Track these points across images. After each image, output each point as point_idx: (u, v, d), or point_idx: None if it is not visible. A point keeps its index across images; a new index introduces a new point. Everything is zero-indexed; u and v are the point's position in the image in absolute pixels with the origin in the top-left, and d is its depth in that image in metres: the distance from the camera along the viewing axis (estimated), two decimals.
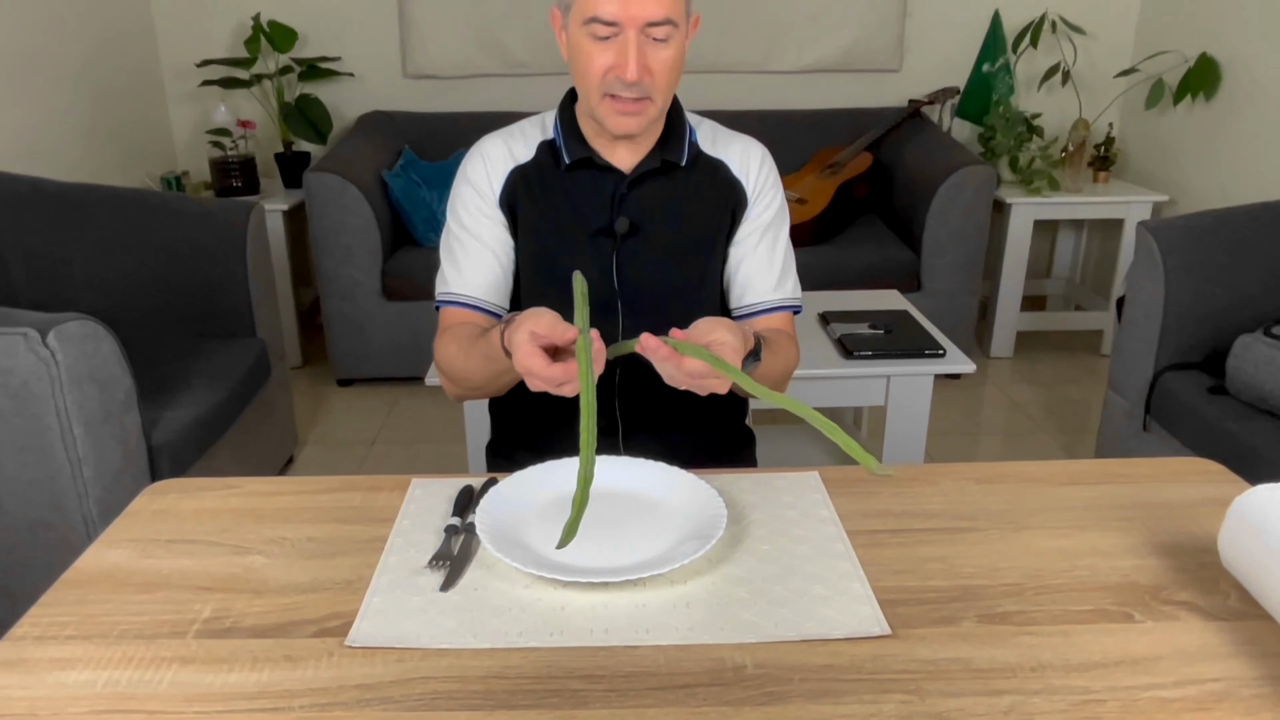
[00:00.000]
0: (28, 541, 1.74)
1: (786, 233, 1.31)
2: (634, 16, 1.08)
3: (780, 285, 1.29)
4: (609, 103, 1.14)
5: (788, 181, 3.24)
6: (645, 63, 1.11)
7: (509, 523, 0.97)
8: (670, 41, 1.11)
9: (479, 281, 1.24)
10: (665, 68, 1.12)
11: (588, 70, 1.12)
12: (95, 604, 0.87)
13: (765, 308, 1.28)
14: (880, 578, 0.91)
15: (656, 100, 1.15)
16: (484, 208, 1.24)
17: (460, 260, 1.25)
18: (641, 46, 1.10)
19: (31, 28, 2.69)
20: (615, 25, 1.09)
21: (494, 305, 1.26)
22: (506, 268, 1.26)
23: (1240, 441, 1.88)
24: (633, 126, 1.15)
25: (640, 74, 1.10)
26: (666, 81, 1.14)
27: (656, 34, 1.10)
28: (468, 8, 3.41)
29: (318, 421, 2.93)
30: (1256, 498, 0.85)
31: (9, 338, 1.60)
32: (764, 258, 1.28)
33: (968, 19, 3.50)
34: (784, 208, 1.30)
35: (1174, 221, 2.15)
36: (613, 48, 1.10)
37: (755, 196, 1.27)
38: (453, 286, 1.25)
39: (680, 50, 1.14)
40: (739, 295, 1.29)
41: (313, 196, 2.86)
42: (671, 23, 1.10)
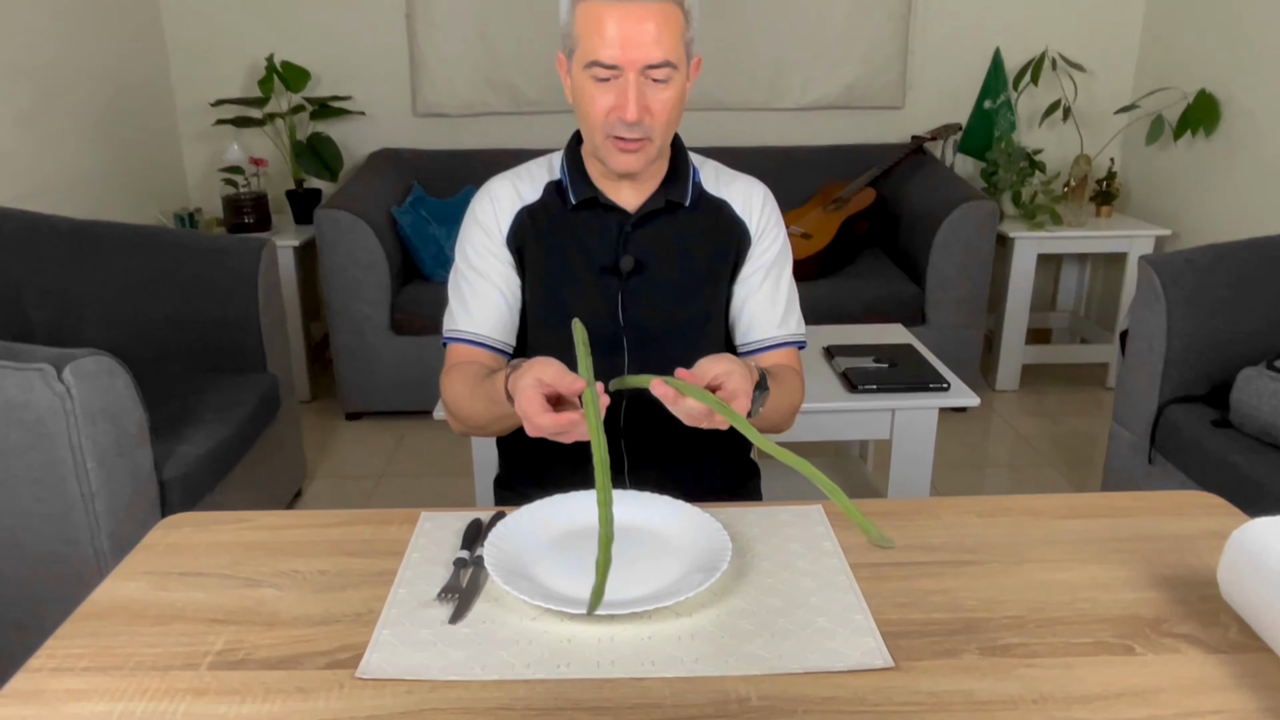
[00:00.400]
0: (40, 575, 1.75)
1: (790, 270, 1.33)
2: (633, 60, 1.11)
3: (784, 322, 1.31)
4: (611, 142, 1.17)
5: (792, 217, 3.28)
6: (645, 103, 1.14)
7: (517, 556, 0.99)
8: (670, 83, 1.15)
9: (486, 319, 1.27)
10: (665, 108, 1.16)
11: (590, 111, 1.16)
12: (110, 636, 0.89)
13: (771, 344, 1.31)
14: (883, 610, 0.92)
15: (656, 140, 1.18)
16: (492, 247, 1.27)
17: (468, 299, 1.27)
18: (641, 88, 1.13)
19: (49, 67, 2.76)
20: (615, 69, 1.12)
21: (500, 343, 1.28)
22: (513, 306, 1.29)
23: (1245, 474, 1.88)
24: (633, 165, 1.18)
25: (640, 114, 1.13)
26: (666, 121, 1.17)
27: (656, 75, 1.13)
28: (476, 47, 3.47)
29: (326, 455, 2.95)
30: (1254, 531, 0.86)
31: (25, 373, 1.62)
32: (768, 295, 1.30)
33: (969, 57, 3.55)
34: (786, 246, 1.33)
35: (1175, 256, 2.17)
36: (613, 89, 1.14)
37: (758, 235, 1.30)
38: (460, 324, 1.27)
39: (680, 91, 1.17)
40: (744, 332, 1.32)
41: (323, 232, 2.91)
42: (670, 65, 1.13)
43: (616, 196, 1.26)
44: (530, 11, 3.41)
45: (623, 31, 1.10)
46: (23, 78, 2.63)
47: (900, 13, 3.49)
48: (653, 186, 1.26)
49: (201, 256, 2.38)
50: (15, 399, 1.63)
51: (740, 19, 3.47)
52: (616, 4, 1.10)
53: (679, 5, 1.13)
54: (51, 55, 2.76)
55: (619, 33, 1.10)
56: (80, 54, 2.91)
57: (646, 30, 1.10)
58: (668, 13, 1.11)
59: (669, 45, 1.12)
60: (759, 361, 1.28)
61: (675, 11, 1.13)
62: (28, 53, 2.65)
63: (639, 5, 1.10)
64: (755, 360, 1.29)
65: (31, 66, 2.67)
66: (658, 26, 1.11)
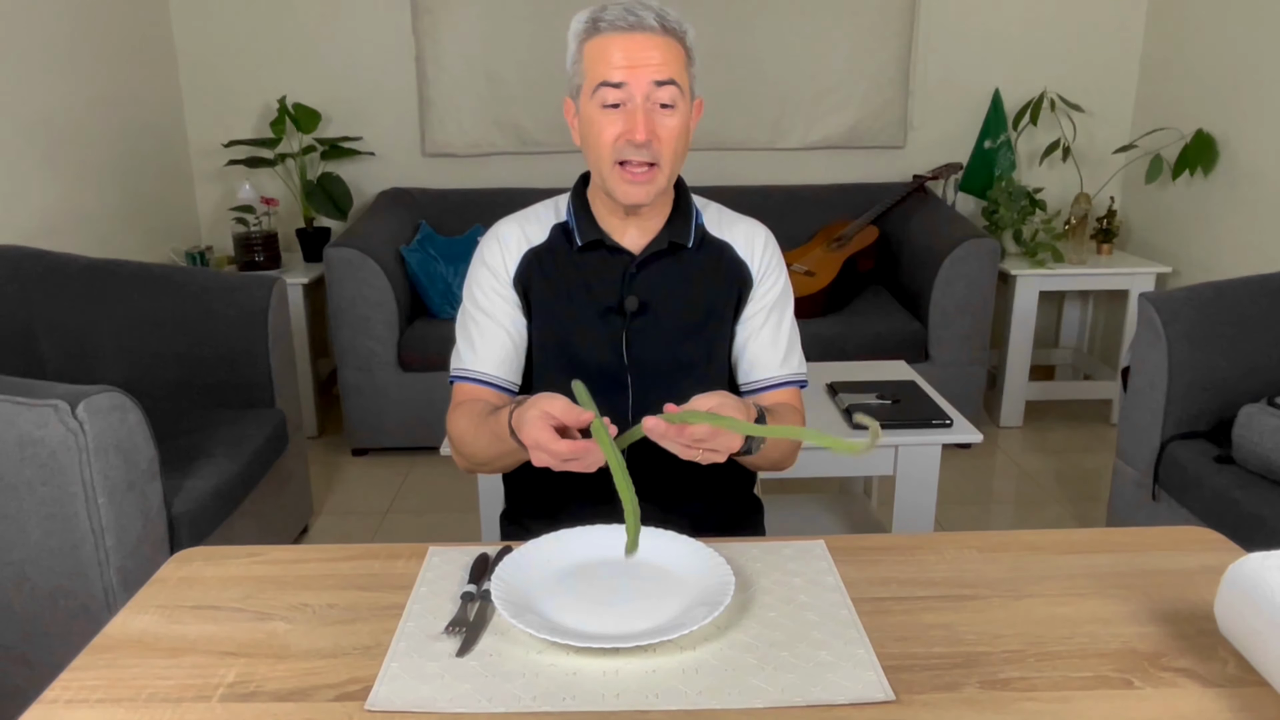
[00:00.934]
0: (48, 610, 1.76)
1: (791, 311, 1.36)
2: (640, 78, 1.16)
3: (786, 361, 1.34)
4: (619, 171, 1.20)
5: (795, 255, 3.31)
6: (652, 128, 1.18)
7: (523, 590, 1.00)
8: (676, 109, 1.19)
9: (492, 359, 1.29)
10: (672, 135, 1.20)
11: (599, 140, 1.20)
12: (124, 668, 0.90)
13: (772, 383, 1.33)
14: (884, 644, 0.93)
15: (664, 168, 1.21)
16: (498, 288, 1.30)
17: (475, 339, 1.30)
18: (649, 113, 1.18)
19: (65, 109, 2.82)
20: (623, 87, 1.17)
21: (506, 382, 1.31)
22: (519, 345, 1.31)
23: (1248, 511, 1.89)
24: (642, 196, 1.21)
25: (648, 135, 1.17)
26: (673, 150, 1.21)
27: (663, 98, 1.18)
28: (483, 90, 3.54)
29: (333, 491, 2.96)
30: (1248, 565, 0.87)
31: (40, 409, 1.65)
32: (770, 336, 1.33)
33: (969, 98, 3.61)
34: (788, 287, 1.36)
35: (1175, 293, 2.20)
36: (622, 115, 1.18)
37: (760, 277, 1.33)
38: (466, 363, 1.30)
39: (685, 121, 1.21)
40: (746, 372, 1.34)
41: (332, 270, 2.94)
42: (675, 84, 1.18)
43: (621, 238, 1.29)
44: (536, 54, 3.47)
45: (629, 53, 1.16)
46: (40, 119, 2.69)
47: (901, 55, 3.55)
48: (656, 227, 1.29)
49: (212, 294, 2.42)
50: (30, 435, 1.65)
51: (744, 61, 3.53)
52: (622, 33, 1.17)
53: (681, 43, 1.20)
54: (68, 97, 2.82)
55: (626, 55, 1.17)
56: (96, 96, 2.97)
57: (652, 54, 1.17)
58: (671, 45, 1.18)
59: (674, 69, 1.18)
60: (760, 400, 1.30)
61: (678, 46, 1.19)
62: (45, 94, 2.71)
63: (643, 34, 1.17)
64: (757, 399, 1.31)
65: (48, 108, 2.73)
66: (662, 53, 1.17)
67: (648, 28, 1.17)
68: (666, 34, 1.18)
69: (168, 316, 2.40)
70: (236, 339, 2.40)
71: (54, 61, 2.76)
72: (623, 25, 1.17)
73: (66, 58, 2.82)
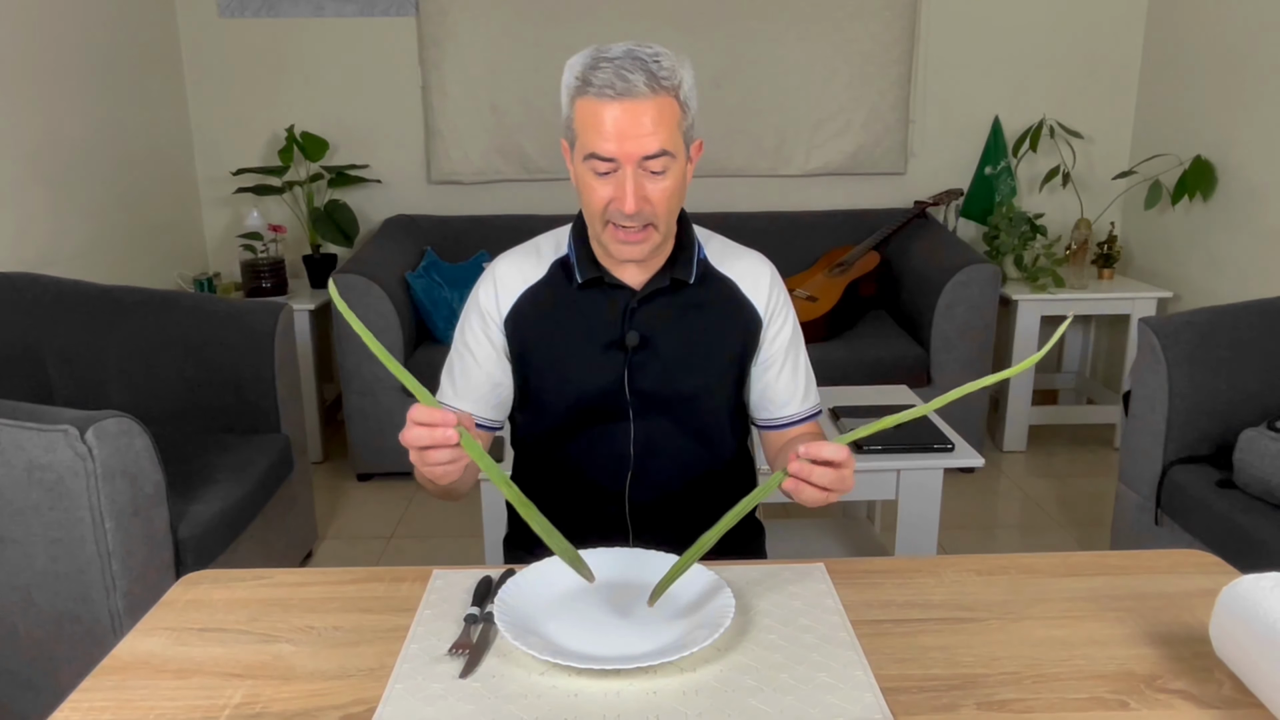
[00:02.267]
0: (54, 635, 1.77)
1: (804, 346, 1.39)
2: (629, 153, 1.14)
3: (807, 396, 1.38)
4: (612, 230, 1.19)
5: (797, 280, 3.33)
6: (643, 194, 1.16)
7: (526, 612, 1.01)
8: (667, 173, 1.17)
9: (470, 396, 1.32)
10: (664, 197, 1.17)
11: (590, 201, 1.19)
12: (132, 690, 0.91)
13: (797, 419, 1.38)
14: (883, 666, 0.94)
15: (660, 226, 1.20)
16: (488, 332, 1.31)
17: (457, 377, 1.33)
18: (639, 180, 1.15)
19: (74, 138, 2.86)
20: (613, 161, 1.15)
21: (485, 418, 1.33)
22: (499, 385, 1.33)
23: (1250, 535, 1.89)
24: (636, 254, 1.21)
25: (638, 205, 1.15)
26: (667, 209, 1.19)
27: (654, 167, 1.15)
28: (488, 118, 3.58)
29: (337, 515, 2.97)
30: (1243, 588, 0.88)
31: (49, 434, 1.67)
32: (790, 375, 1.36)
33: (969, 124, 3.64)
34: (797, 323, 1.38)
35: (1175, 318, 2.21)
36: (612, 181, 1.16)
37: (769, 318, 1.34)
38: (445, 399, 1.33)
39: (679, 179, 1.19)
40: (770, 409, 1.37)
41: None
42: (667, 154, 1.15)
43: (622, 275, 1.28)
44: (539, 84, 3.52)
45: (619, 126, 1.12)
46: (49, 146, 2.73)
47: (901, 82, 3.59)
48: (658, 264, 1.28)
49: (219, 320, 2.44)
50: (38, 459, 1.67)
51: (745, 89, 3.57)
52: (612, 101, 1.12)
53: (674, 97, 1.14)
54: (76, 125, 2.87)
55: (615, 128, 1.12)
56: (105, 124, 3.02)
57: (642, 124, 1.12)
58: (663, 105, 1.13)
59: (665, 136, 1.13)
60: (788, 435, 1.36)
61: (671, 103, 1.14)
62: (54, 122, 2.76)
63: (634, 101, 1.11)
64: (783, 433, 1.37)
65: (57, 136, 2.77)
66: (653, 120, 1.12)
67: (637, 94, 1.11)
68: (658, 94, 1.12)
69: (175, 342, 2.42)
70: (243, 365, 2.42)
71: (63, 89, 2.80)
72: (610, 94, 1.11)
73: (75, 85, 2.86)
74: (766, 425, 1.39)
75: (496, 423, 1.35)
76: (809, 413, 1.38)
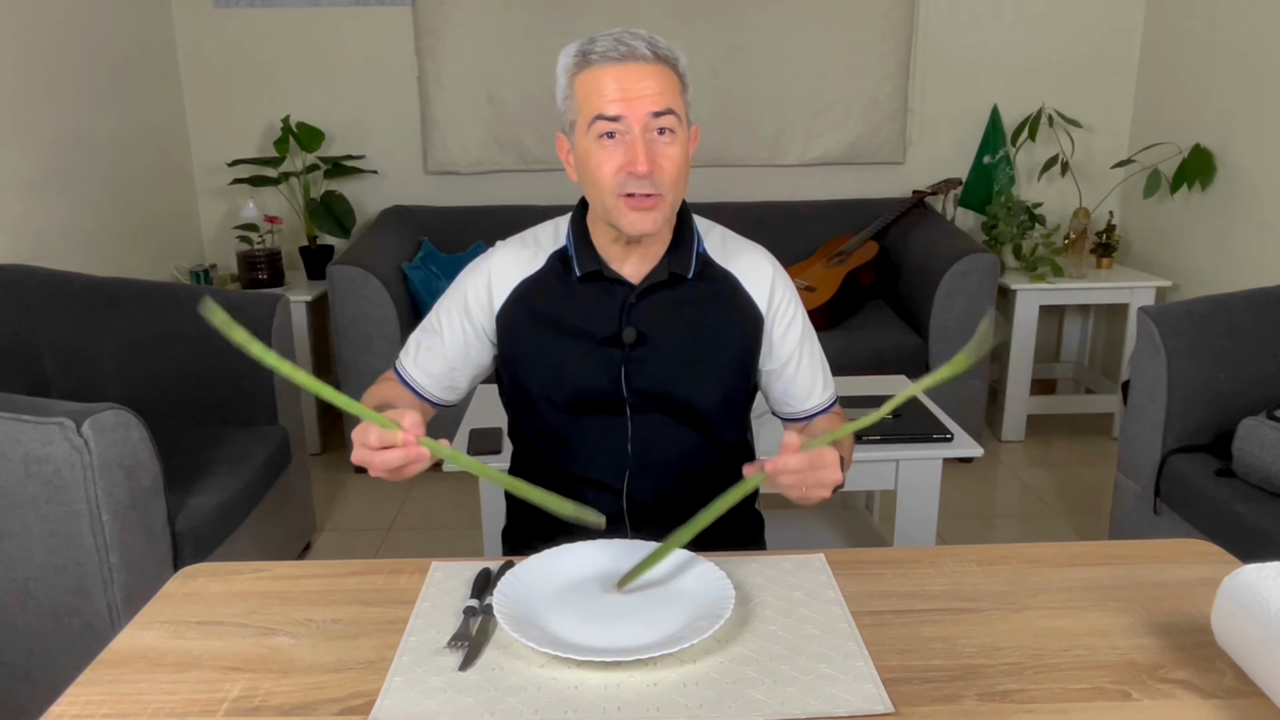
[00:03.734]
0: (52, 628, 1.77)
1: (815, 336, 1.39)
2: (637, 112, 1.15)
3: (826, 386, 1.40)
4: (624, 202, 1.17)
5: (796, 270, 3.33)
6: (654, 157, 1.16)
7: (525, 604, 1.01)
8: (675, 137, 1.17)
9: (425, 373, 1.33)
10: (673, 164, 1.18)
11: (599, 175, 1.17)
12: (130, 684, 0.91)
13: (818, 409, 1.39)
14: (884, 657, 0.93)
15: (667, 197, 1.19)
16: (466, 321, 1.31)
17: (421, 347, 1.34)
18: (648, 143, 1.16)
19: (69, 129, 2.84)
20: (619, 121, 1.15)
21: (432, 395, 1.34)
22: (456, 370, 1.33)
23: (1249, 524, 1.89)
24: (648, 224, 1.19)
25: (650, 165, 1.15)
26: (674, 178, 1.18)
27: (661, 124, 1.16)
28: (485, 108, 3.57)
29: (335, 507, 2.97)
30: (1244, 577, 0.88)
31: (45, 427, 1.66)
32: (808, 369, 1.37)
33: (967, 114, 3.63)
34: (802, 315, 1.38)
35: (1174, 307, 2.21)
36: (621, 147, 1.16)
37: (773, 316, 1.32)
38: (405, 364, 1.35)
39: (685, 150, 1.20)
40: (790, 403, 1.39)
41: (335, 288, 2.96)
42: (673, 112, 1.16)
43: (621, 267, 1.27)
44: (536, 73, 3.50)
45: (624, 86, 1.14)
46: (44, 139, 2.71)
47: (899, 71, 3.58)
48: (657, 256, 1.27)
49: None
50: (35, 452, 1.66)
51: (743, 78, 3.56)
52: (616, 64, 1.14)
53: (674, 69, 1.18)
54: (72, 117, 2.85)
55: (620, 88, 1.15)
56: (100, 115, 3.00)
57: (647, 85, 1.15)
58: (665, 73, 1.17)
59: (669, 98, 1.16)
60: (809, 427, 1.38)
61: (671, 74, 1.17)
62: (49, 114, 2.74)
63: (636, 64, 1.15)
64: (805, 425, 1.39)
65: (53, 128, 2.76)
66: (657, 82, 1.15)
67: (640, 57, 1.15)
68: (660, 62, 1.16)
69: (172, 334, 2.42)
70: (240, 356, 2.39)
71: (58, 81, 2.79)
72: (614, 56, 1.15)
73: (70, 77, 2.85)
74: (791, 419, 1.40)
75: (443, 402, 1.36)
76: (829, 401, 1.40)
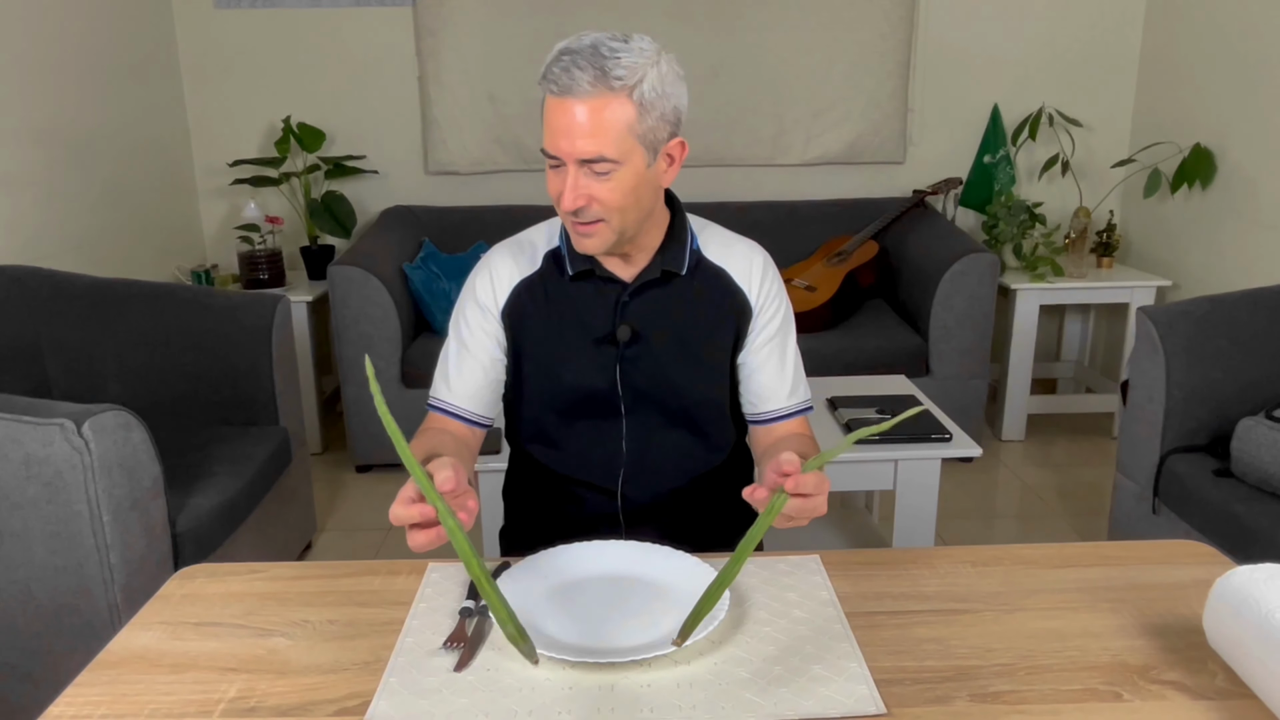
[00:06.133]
0: (52, 628, 1.78)
1: (794, 338, 1.35)
2: (566, 153, 1.13)
3: (794, 392, 1.33)
4: (572, 224, 1.19)
5: (796, 270, 3.33)
6: (588, 192, 1.14)
7: (520, 605, 1.01)
8: (611, 175, 1.14)
9: (464, 393, 1.30)
10: (611, 196, 1.15)
11: (552, 196, 1.18)
12: (127, 684, 0.92)
13: (784, 414, 1.33)
14: (877, 658, 0.94)
15: (612, 222, 1.17)
16: (483, 323, 1.30)
17: (451, 371, 1.31)
18: (582, 178, 1.14)
19: (71, 130, 2.85)
20: (556, 159, 1.14)
21: (478, 415, 1.31)
22: (494, 381, 1.32)
23: (1246, 524, 1.89)
24: (591, 247, 1.20)
25: (575, 203, 1.14)
26: (619, 206, 1.16)
27: (597, 169, 1.13)
28: (485, 108, 3.57)
29: (336, 507, 2.97)
30: (1236, 579, 0.88)
31: (45, 428, 1.67)
32: (776, 368, 1.32)
33: (968, 113, 3.63)
34: (789, 313, 1.35)
35: (1172, 307, 2.21)
36: (562, 176, 1.15)
37: (760, 307, 1.31)
38: (440, 394, 1.31)
39: (632, 180, 1.15)
40: (755, 404, 1.34)
41: (336, 288, 2.97)
42: (605, 159, 1.12)
43: (613, 267, 1.27)
44: (536, 73, 3.49)
45: (563, 124, 1.11)
46: (45, 138, 2.72)
47: (900, 71, 3.58)
48: (649, 255, 1.27)
49: (217, 312, 2.44)
50: (35, 453, 1.67)
51: (743, 78, 3.56)
52: (557, 98, 1.11)
53: (628, 96, 1.10)
54: (73, 117, 2.86)
55: (559, 125, 1.11)
56: (101, 115, 3.01)
57: (581, 126, 1.10)
58: (611, 107, 1.10)
59: (606, 140, 1.10)
60: (773, 431, 1.32)
61: (621, 104, 1.10)
62: (50, 114, 2.75)
63: (577, 101, 1.09)
64: (770, 429, 1.33)
65: (54, 128, 2.76)
66: (594, 123, 1.10)
67: (579, 92, 1.09)
68: (606, 93, 1.09)
69: (172, 335, 2.42)
70: (241, 357, 2.42)
71: (59, 81, 2.79)
72: (555, 90, 1.11)
73: (72, 77, 2.85)
74: (753, 420, 1.36)
75: (488, 419, 1.33)
76: (796, 408, 1.34)
